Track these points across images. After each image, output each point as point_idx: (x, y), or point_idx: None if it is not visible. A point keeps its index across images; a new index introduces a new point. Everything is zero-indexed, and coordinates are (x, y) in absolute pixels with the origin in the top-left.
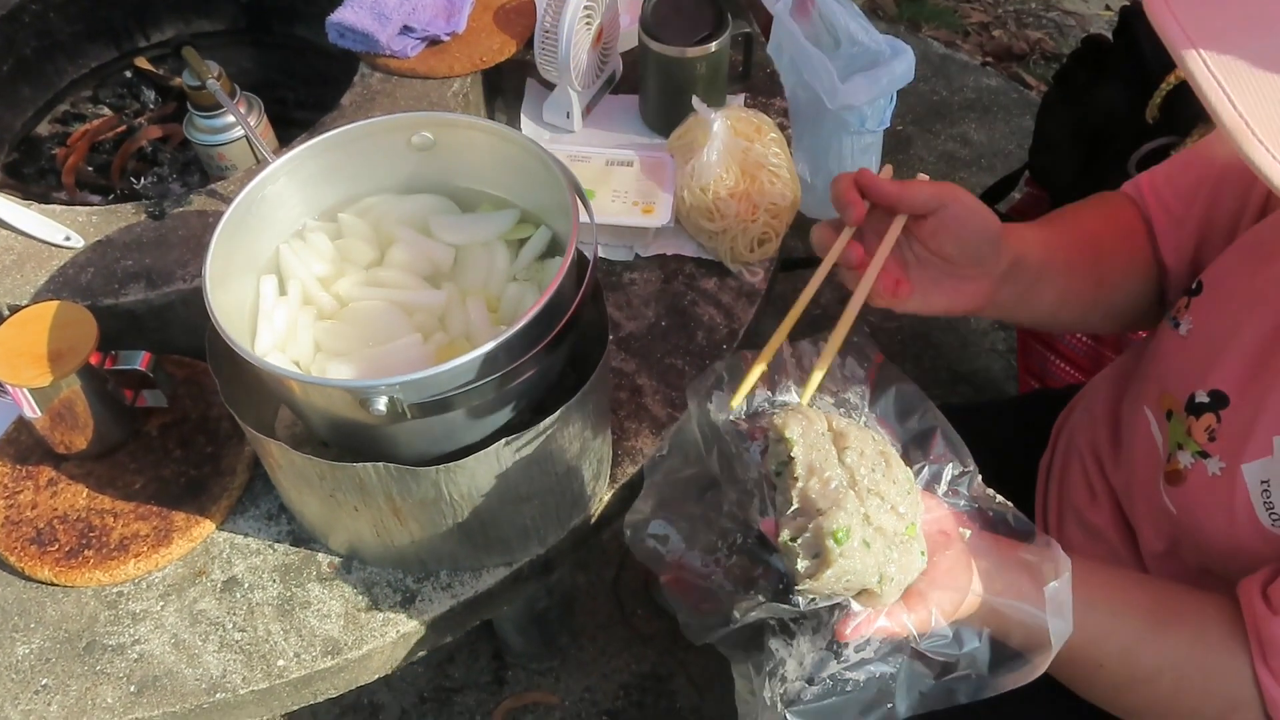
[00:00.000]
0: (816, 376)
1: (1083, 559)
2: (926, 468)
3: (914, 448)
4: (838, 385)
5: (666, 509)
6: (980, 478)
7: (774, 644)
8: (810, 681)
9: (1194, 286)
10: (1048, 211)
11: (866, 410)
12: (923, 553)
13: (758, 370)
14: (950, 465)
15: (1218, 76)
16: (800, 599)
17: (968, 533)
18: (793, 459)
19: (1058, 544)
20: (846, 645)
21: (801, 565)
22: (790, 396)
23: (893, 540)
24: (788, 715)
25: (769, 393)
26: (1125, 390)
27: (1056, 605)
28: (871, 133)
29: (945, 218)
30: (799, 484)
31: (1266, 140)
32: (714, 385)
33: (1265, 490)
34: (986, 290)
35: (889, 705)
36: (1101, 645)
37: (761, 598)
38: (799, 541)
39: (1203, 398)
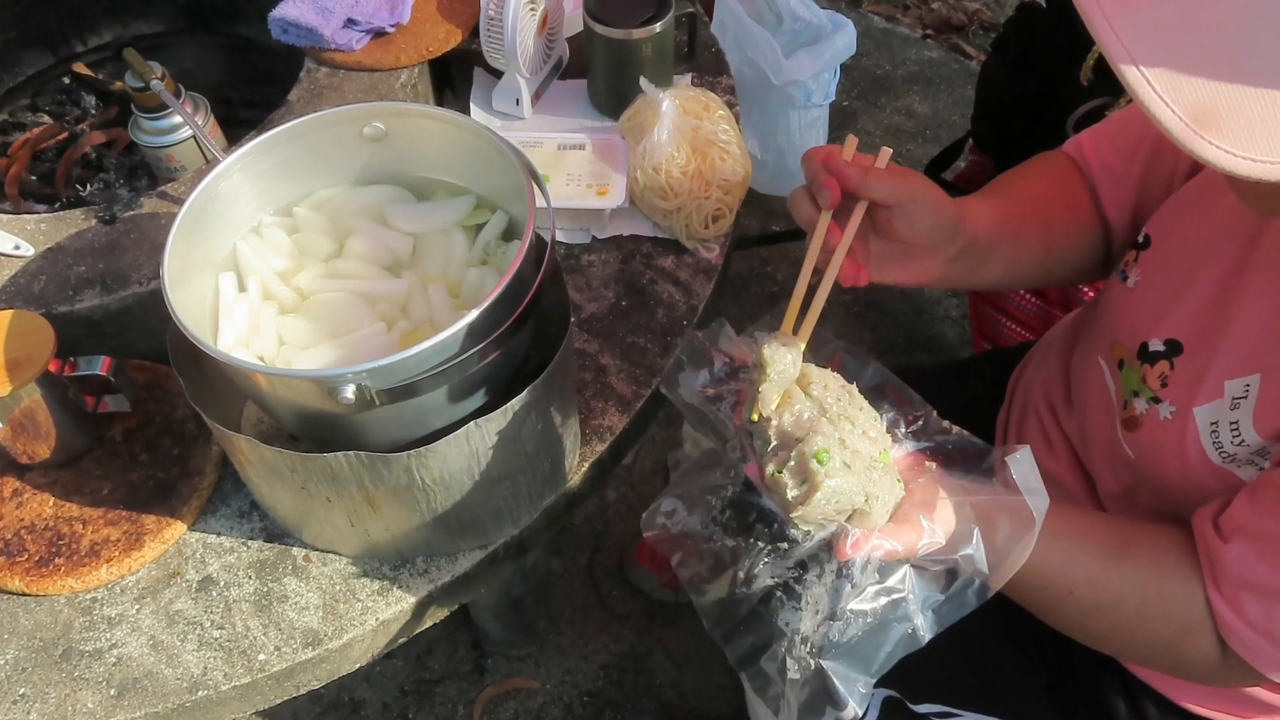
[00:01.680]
0: (800, 346)
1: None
2: (884, 416)
3: (869, 399)
4: None
5: (675, 489)
6: (935, 413)
7: (783, 618)
8: (833, 618)
9: (1141, 240)
10: (993, 177)
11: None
12: (899, 480)
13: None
14: (905, 410)
15: (1152, 81)
16: (796, 533)
17: (933, 465)
18: (760, 392)
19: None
20: (853, 566)
21: (791, 494)
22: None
23: (870, 464)
24: (822, 664)
25: (729, 364)
26: (1076, 344)
27: (1026, 483)
28: (818, 106)
29: (904, 211)
30: (773, 422)
31: (1199, 127)
32: (676, 368)
33: (1214, 430)
34: (939, 268)
35: (910, 629)
36: (1069, 572)
37: (761, 543)
38: (784, 473)
39: (1157, 346)
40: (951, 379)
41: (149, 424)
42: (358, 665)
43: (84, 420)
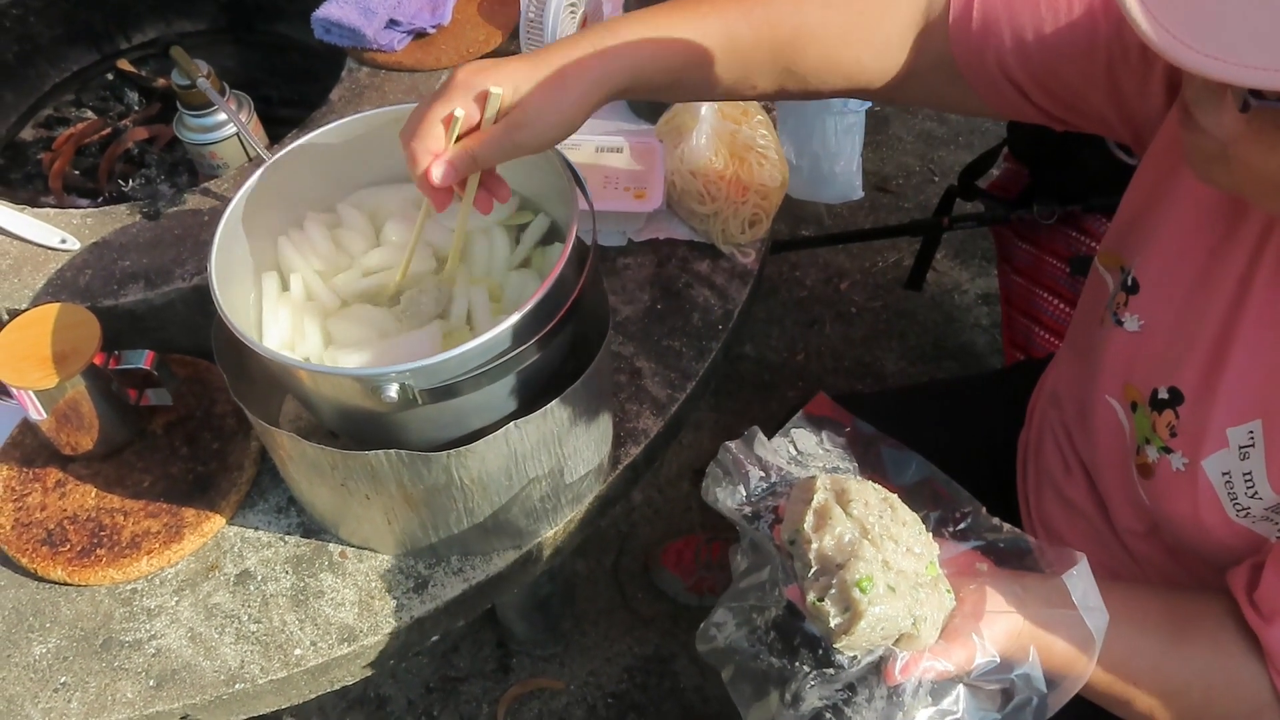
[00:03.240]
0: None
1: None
2: (930, 515)
3: (912, 498)
4: (822, 459)
5: (728, 599)
6: (984, 510)
7: None
8: None
9: (1129, 283)
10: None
11: (856, 472)
12: (949, 590)
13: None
14: (952, 508)
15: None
16: (843, 658)
17: (984, 566)
18: (803, 527)
19: (1062, 548)
20: (903, 690)
21: (834, 622)
22: (785, 465)
23: (916, 581)
24: None
25: (765, 479)
26: (1084, 374)
27: (1085, 601)
28: (854, 113)
29: (523, 138)
30: (813, 545)
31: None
32: (714, 482)
33: (1228, 482)
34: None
35: None
36: (1132, 663)
37: (806, 667)
38: (826, 600)
39: (1163, 394)
40: (980, 393)
41: (189, 418)
42: (391, 662)
43: (126, 413)
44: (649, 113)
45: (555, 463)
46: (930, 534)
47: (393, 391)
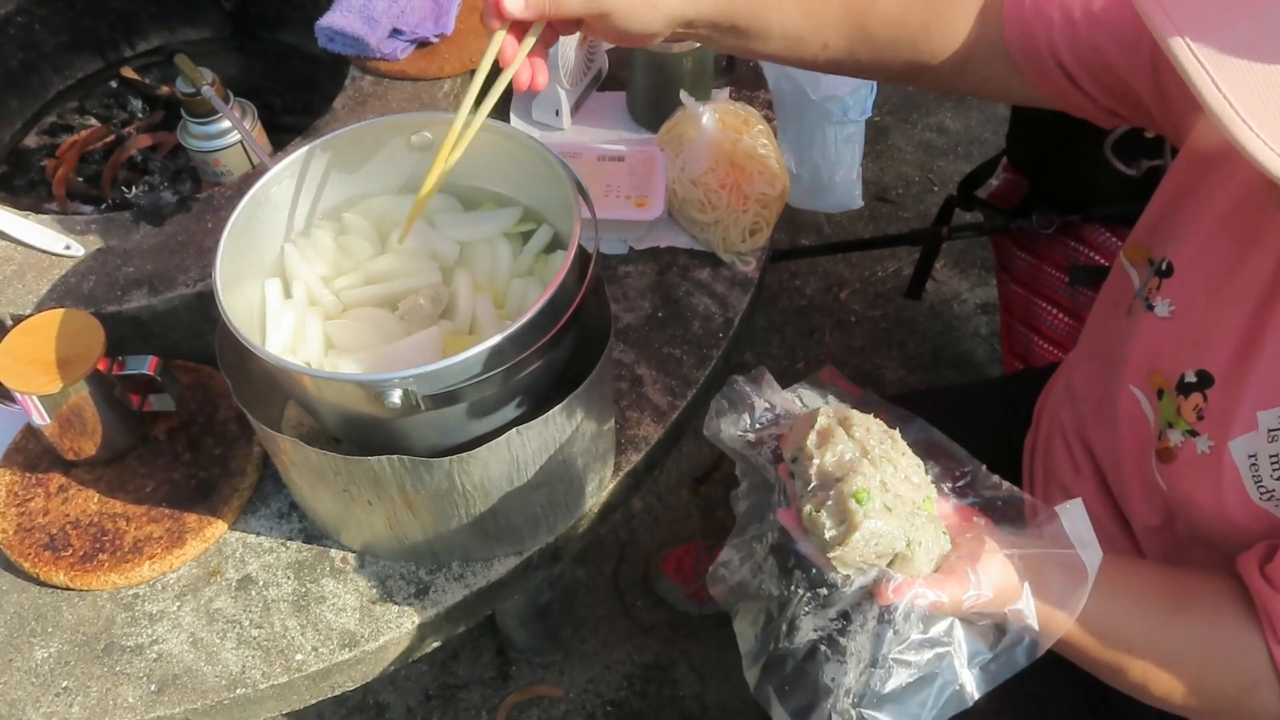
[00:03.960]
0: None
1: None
2: (931, 469)
3: (913, 451)
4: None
5: (732, 538)
6: (984, 468)
7: (829, 673)
8: (874, 664)
9: (1164, 267)
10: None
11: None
12: (944, 533)
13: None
14: (952, 466)
15: (1204, 63)
16: (835, 577)
17: (981, 521)
18: (805, 444)
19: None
20: (895, 612)
21: (829, 534)
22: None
23: (914, 510)
24: (863, 713)
25: (770, 410)
26: (1104, 369)
27: (1078, 536)
28: (854, 122)
29: (604, 23)
30: (814, 461)
31: (1253, 123)
32: (717, 413)
33: (1253, 465)
34: (659, 39)
35: (957, 686)
36: (1127, 630)
37: (801, 589)
38: (822, 512)
39: (1191, 378)
40: (980, 401)
41: (192, 424)
42: (392, 667)
43: (129, 418)
44: (650, 121)
45: (557, 469)
46: (931, 481)
47: (396, 397)
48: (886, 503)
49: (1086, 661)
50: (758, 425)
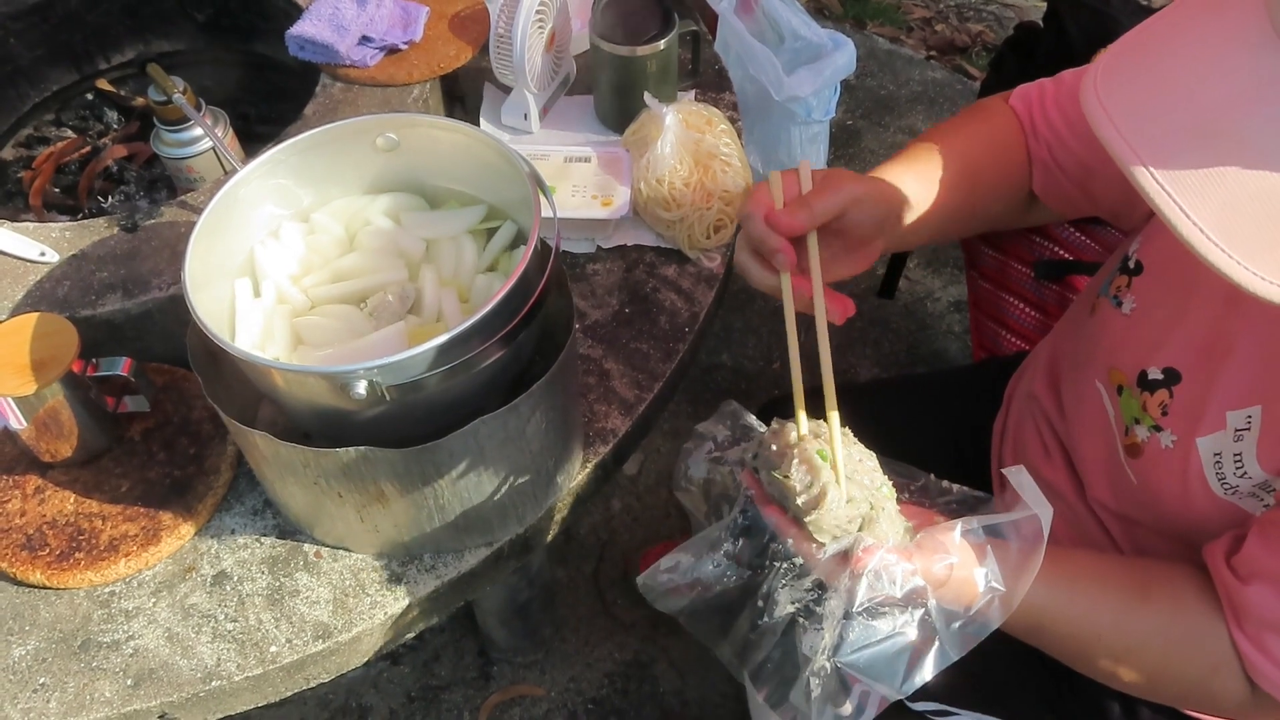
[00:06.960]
0: (836, 445)
1: (1058, 546)
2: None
3: None
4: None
5: (674, 554)
6: (933, 476)
7: (807, 643)
8: (848, 615)
9: (1133, 266)
10: None
11: None
12: (907, 528)
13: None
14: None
15: (1168, 189)
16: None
17: (940, 520)
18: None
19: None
20: (868, 571)
21: (801, 500)
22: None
23: (874, 489)
24: (838, 665)
25: (731, 436)
26: (1068, 361)
27: (1027, 496)
28: (818, 122)
29: (851, 214)
30: (774, 445)
31: (1226, 245)
32: (682, 462)
33: (1218, 462)
34: (882, 245)
35: (935, 647)
36: (1094, 617)
37: (778, 562)
38: (793, 474)
39: (1155, 374)
40: (949, 386)
41: (167, 424)
42: (366, 659)
43: (104, 420)
44: (616, 123)
45: (524, 460)
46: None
47: (361, 388)
48: (849, 471)
49: (1057, 650)
50: (722, 448)
